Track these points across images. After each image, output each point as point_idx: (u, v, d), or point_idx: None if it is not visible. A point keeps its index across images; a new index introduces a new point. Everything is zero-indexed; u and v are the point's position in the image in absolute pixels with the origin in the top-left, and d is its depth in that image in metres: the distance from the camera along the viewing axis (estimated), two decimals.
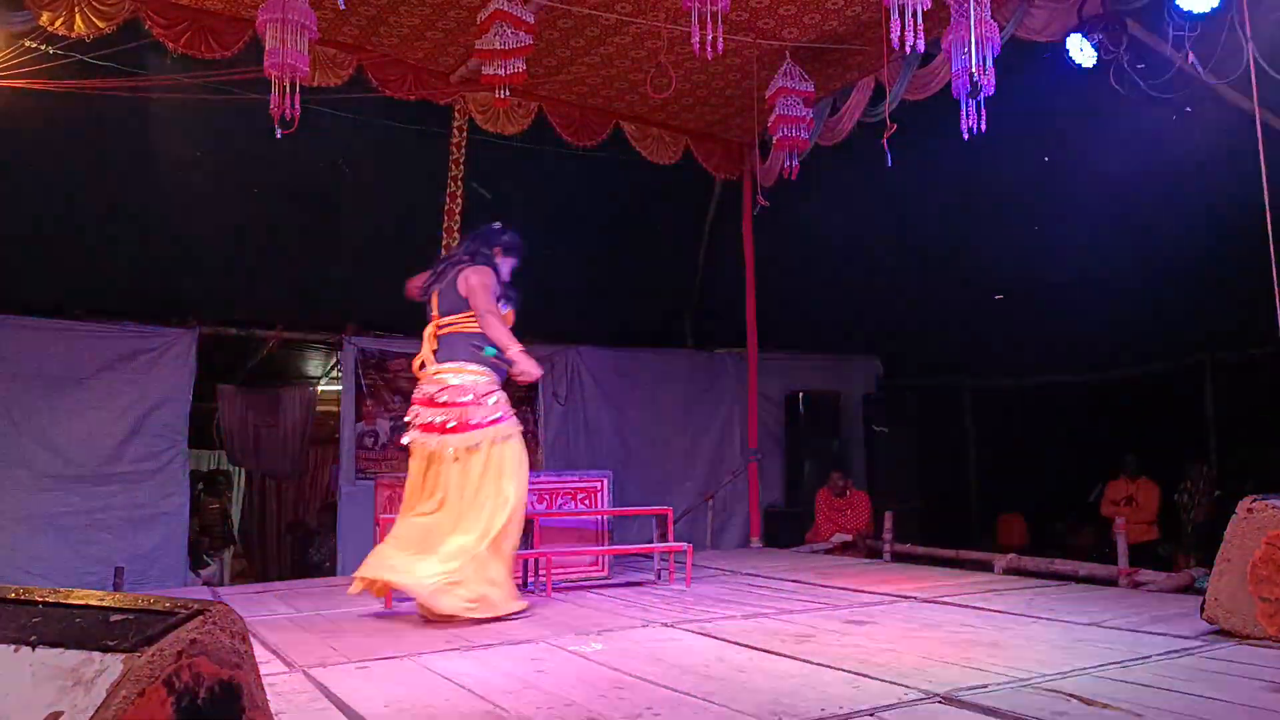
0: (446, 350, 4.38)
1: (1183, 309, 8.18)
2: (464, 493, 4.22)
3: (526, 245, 4.71)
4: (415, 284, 4.71)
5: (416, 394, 4.43)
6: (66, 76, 5.90)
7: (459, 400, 4.24)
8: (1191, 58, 5.19)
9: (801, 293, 9.17)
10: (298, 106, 5.10)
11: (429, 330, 4.49)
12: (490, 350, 4.35)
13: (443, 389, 4.28)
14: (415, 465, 4.39)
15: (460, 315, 4.39)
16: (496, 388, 4.36)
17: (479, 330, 4.33)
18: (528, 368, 4.29)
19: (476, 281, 4.32)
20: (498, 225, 4.68)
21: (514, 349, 4.29)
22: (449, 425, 4.23)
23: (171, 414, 7.47)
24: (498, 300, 4.43)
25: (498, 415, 4.31)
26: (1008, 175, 7.43)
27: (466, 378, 4.30)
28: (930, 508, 9.66)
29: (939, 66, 6.10)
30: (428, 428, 4.31)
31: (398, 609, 4.71)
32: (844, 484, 8.66)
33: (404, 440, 4.49)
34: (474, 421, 4.24)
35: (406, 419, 4.49)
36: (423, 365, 4.47)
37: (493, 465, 4.25)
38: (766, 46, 6.61)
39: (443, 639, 3.80)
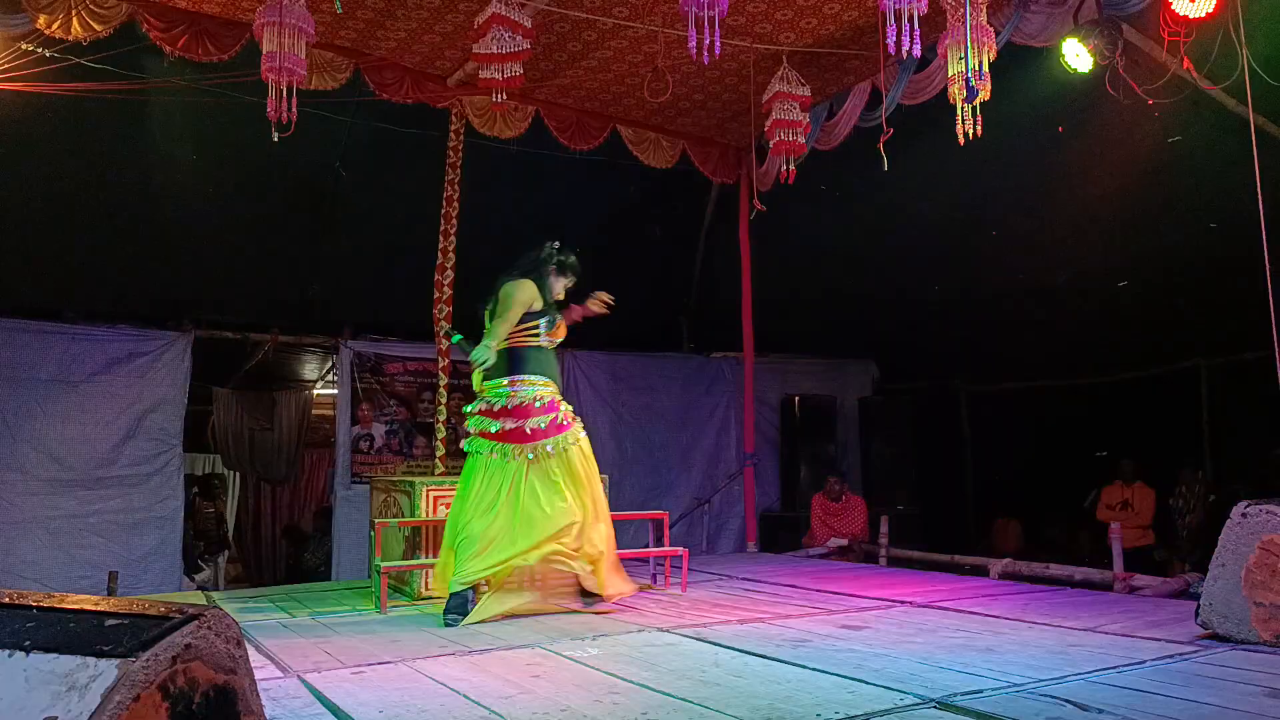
0: (500, 365, 4.46)
1: (1177, 313, 8.19)
2: (544, 493, 4.37)
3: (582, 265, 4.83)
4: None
5: (481, 405, 4.53)
6: (63, 79, 5.90)
7: (523, 410, 4.40)
8: (1187, 63, 5.21)
9: (798, 297, 9.18)
10: (295, 110, 5.09)
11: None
12: (462, 342, 4.54)
13: (509, 401, 4.42)
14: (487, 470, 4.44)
15: (515, 329, 4.50)
16: (557, 398, 4.52)
17: (524, 345, 4.49)
18: (478, 354, 4.30)
19: (507, 292, 4.49)
20: (556, 244, 4.77)
21: (483, 345, 4.33)
22: (521, 433, 4.38)
23: (166, 417, 7.46)
24: (538, 318, 4.53)
25: (561, 424, 4.46)
26: (1003, 180, 7.44)
27: (525, 390, 4.45)
28: (926, 512, 9.67)
29: (935, 71, 6.11)
30: (488, 435, 4.43)
31: (392, 612, 4.70)
32: (840, 488, 8.67)
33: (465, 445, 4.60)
34: (539, 429, 4.39)
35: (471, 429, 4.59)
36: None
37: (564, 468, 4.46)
38: (763, 51, 6.63)
39: (438, 644, 3.80)
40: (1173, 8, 5.11)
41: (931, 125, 5.83)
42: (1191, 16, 5.08)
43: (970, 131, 5.02)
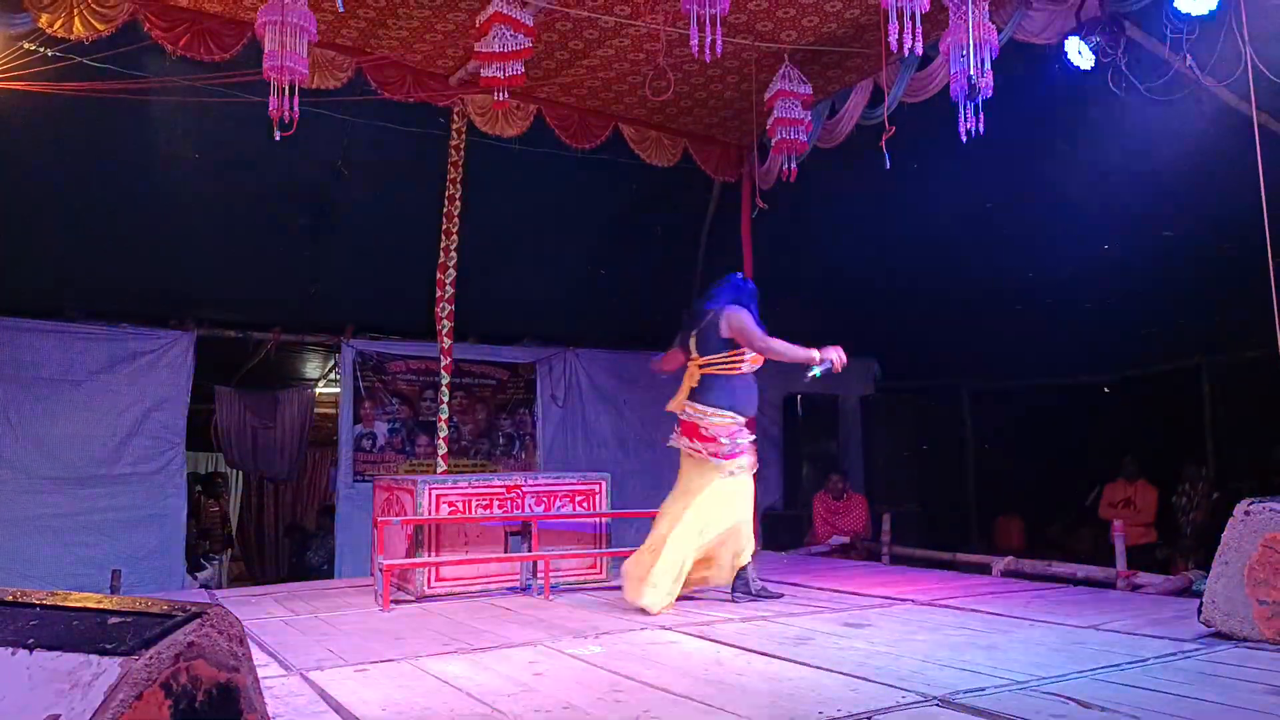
0: (703, 388, 4.84)
1: (1180, 311, 8.18)
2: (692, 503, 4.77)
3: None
4: (670, 357, 5.14)
5: (683, 419, 4.93)
6: (66, 79, 5.90)
7: (710, 434, 4.77)
8: (1189, 60, 5.20)
9: (800, 295, 9.15)
10: (296, 109, 5.09)
11: (691, 368, 4.94)
12: (816, 371, 4.86)
13: (703, 423, 4.80)
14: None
15: (718, 356, 4.83)
16: (739, 428, 4.83)
17: (733, 373, 4.82)
18: (832, 356, 4.80)
19: (742, 324, 4.78)
20: (739, 275, 5.15)
21: (814, 353, 4.80)
22: (705, 451, 4.78)
23: (169, 416, 7.46)
24: (743, 346, 4.83)
25: (733, 452, 4.79)
26: (1005, 177, 7.43)
27: (717, 417, 4.79)
28: (928, 510, 9.66)
29: (937, 69, 6.10)
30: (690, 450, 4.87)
31: (395, 611, 4.71)
32: (842, 486, 8.66)
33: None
34: (716, 453, 4.76)
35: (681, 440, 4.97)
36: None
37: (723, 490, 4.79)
38: (765, 49, 6.62)
39: (440, 642, 3.81)
40: (1176, 4, 5.10)
41: (934, 123, 5.82)
42: (1195, 13, 5.07)
43: (972, 129, 5.01)
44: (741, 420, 4.85)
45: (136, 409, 7.32)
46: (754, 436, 4.95)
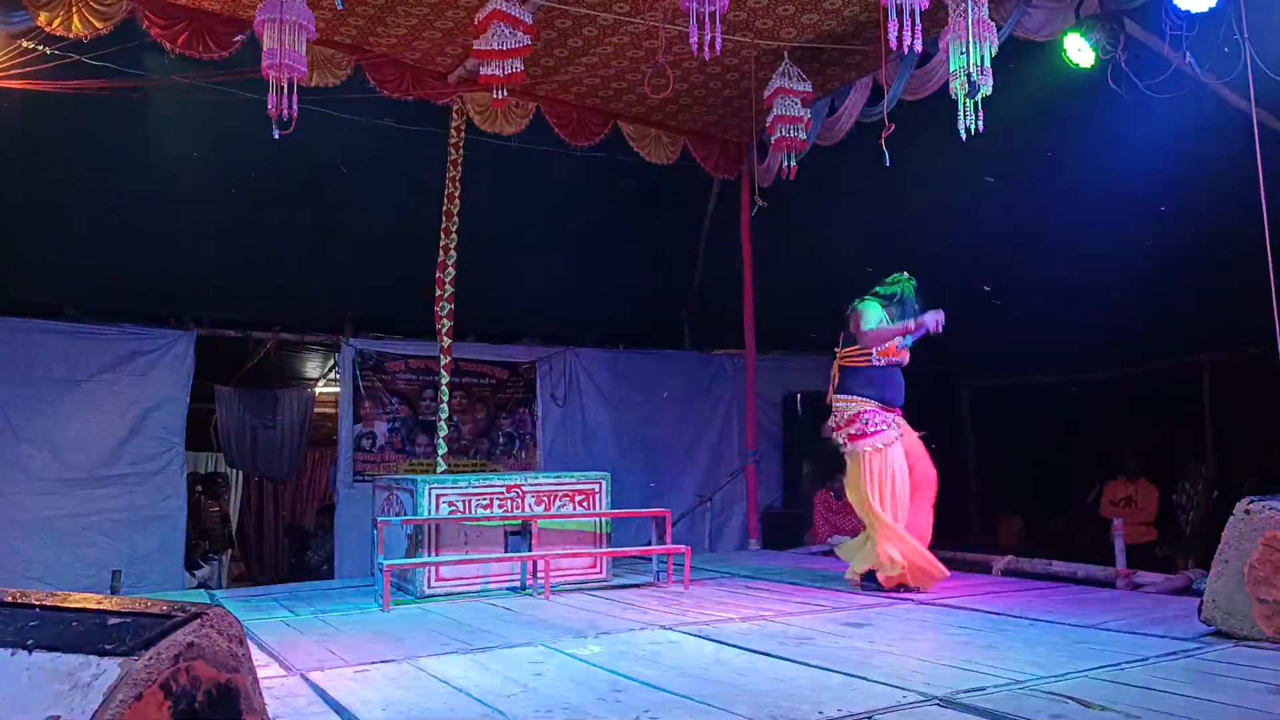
0: (840, 381, 5.39)
1: (1180, 308, 8.17)
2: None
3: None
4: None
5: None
6: (64, 77, 5.89)
7: (848, 421, 5.27)
8: (1189, 58, 5.20)
9: (799, 293, 9.15)
10: (295, 107, 5.08)
11: (835, 365, 5.47)
12: (907, 340, 5.31)
13: (841, 413, 5.33)
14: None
15: (850, 349, 5.35)
16: (870, 410, 5.24)
17: (863, 365, 5.28)
18: (928, 322, 5.21)
19: (855, 320, 5.31)
20: (905, 274, 5.62)
21: (910, 324, 5.21)
22: (848, 439, 5.28)
23: (169, 416, 7.46)
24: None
25: (867, 433, 5.22)
26: (1005, 175, 7.42)
27: (850, 406, 5.30)
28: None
29: (937, 66, 6.10)
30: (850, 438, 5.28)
31: (395, 611, 4.71)
32: (844, 486, 8.65)
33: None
34: (852, 435, 5.26)
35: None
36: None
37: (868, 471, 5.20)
38: (764, 47, 6.62)
39: (440, 642, 3.81)
40: (1176, 2, 5.09)
41: (933, 120, 5.82)
42: (1194, 11, 5.06)
43: (971, 126, 5.01)
44: (871, 404, 5.22)
45: (137, 409, 7.32)
46: (893, 417, 5.26)
